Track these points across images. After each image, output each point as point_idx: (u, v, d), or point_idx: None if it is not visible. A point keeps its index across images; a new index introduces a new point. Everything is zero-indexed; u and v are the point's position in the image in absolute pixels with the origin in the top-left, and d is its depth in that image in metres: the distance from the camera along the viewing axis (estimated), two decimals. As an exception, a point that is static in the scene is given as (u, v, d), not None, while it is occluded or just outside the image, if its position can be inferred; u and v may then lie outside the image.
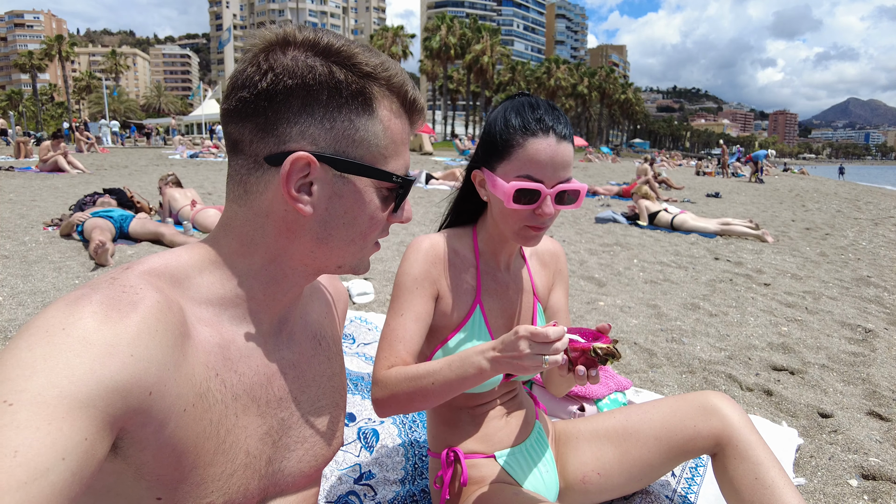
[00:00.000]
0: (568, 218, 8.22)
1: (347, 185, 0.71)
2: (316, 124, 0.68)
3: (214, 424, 0.66)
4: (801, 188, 17.48)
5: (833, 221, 9.04)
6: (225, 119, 0.71)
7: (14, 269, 4.02)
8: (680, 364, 2.81)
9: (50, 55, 64.84)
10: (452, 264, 1.27)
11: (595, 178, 17.89)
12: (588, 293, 4.07)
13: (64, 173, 11.43)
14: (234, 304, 0.72)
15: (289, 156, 0.66)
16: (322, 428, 0.86)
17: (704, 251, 5.97)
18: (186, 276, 0.69)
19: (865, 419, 2.29)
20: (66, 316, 0.54)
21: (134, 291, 0.59)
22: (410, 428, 2.00)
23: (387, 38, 56.46)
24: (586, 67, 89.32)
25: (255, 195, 0.70)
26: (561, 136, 1.13)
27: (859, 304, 4.03)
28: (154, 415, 0.57)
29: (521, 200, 1.13)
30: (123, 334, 0.55)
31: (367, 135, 0.70)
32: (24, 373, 0.49)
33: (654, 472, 1.38)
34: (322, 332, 0.91)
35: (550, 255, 1.44)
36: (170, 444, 0.60)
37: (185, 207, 5.97)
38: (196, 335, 0.66)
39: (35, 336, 0.52)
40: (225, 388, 0.69)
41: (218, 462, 0.67)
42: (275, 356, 0.79)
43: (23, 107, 66.97)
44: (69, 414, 0.48)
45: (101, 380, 0.51)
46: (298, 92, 0.67)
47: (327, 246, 0.73)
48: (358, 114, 0.69)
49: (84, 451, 0.49)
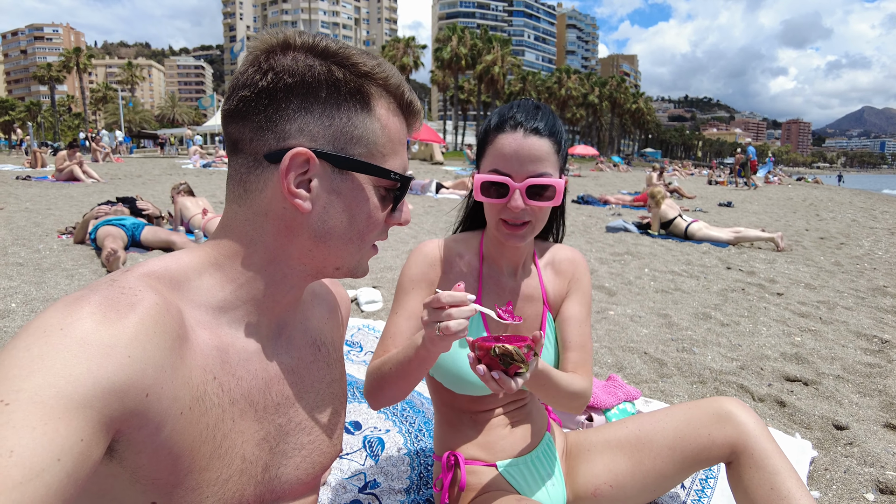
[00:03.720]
0: (578, 227, 8.19)
1: (346, 181, 0.71)
2: (315, 121, 0.69)
3: (211, 428, 0.66)
4: (814, 197, 17.27)
5: (848, 231, 8.91)
6: (226, 120, 0.71)
7: (28, 276, 4.07)
8: (691, 374, 2.77)
9: (68, 67, 66.07)
10: (453, 267, 1.29)
11: (606, 187, 17.82)
12: (598, 302, 4.04)
13: (79, 182, 11.61)
14: (233, 307, 0.72)
15: (288, 151, 0.67)
16: (320, 435, 0.85)
17: (716, 260, 5.91)
18: (186, 279, 0.69)
19: (882, 431, 2.24)
20: (64, 316, 0.54)
21: (133, 293, 0.59)
22: (416, 437, 1.98)
23: (398, 49, 56.88)
24: (597, 77, 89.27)
25: (255, 193, 0.71)
26: (529, 131, 1.15)
27: (875, 315, 3.96)
28: (150, 417, 0.57)
29: (488, 193, 1.17)
30: (121, 335, 0.54)
31: (365, 132, 0.71)
32: (21, 372, 0.49)
33: (667, 483, 1.35)
34: (322, 337, 0.90)
35: (569, 262, 1.39)
36: (166, 447, 0.60)
37: (196, 216, 6.02)
38: (194, 338, 0.66)
39: (33, 336, 0.52)
40: (222, 391, 0.68)
41: (214, 467, 0.67)
42: (273, 361, 0.78)
43: (41, 118, 68.23)
44: (65, 414, 0.48)
45: (98, 380, 0.51)
46: (298, 89, 0.68)
47: (326, 245, 0.73)
48: (356, 111, 0.70)
49: (80, 452, 0.49)
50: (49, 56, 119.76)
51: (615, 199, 12.55)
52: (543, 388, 1.13)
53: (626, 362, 2.87)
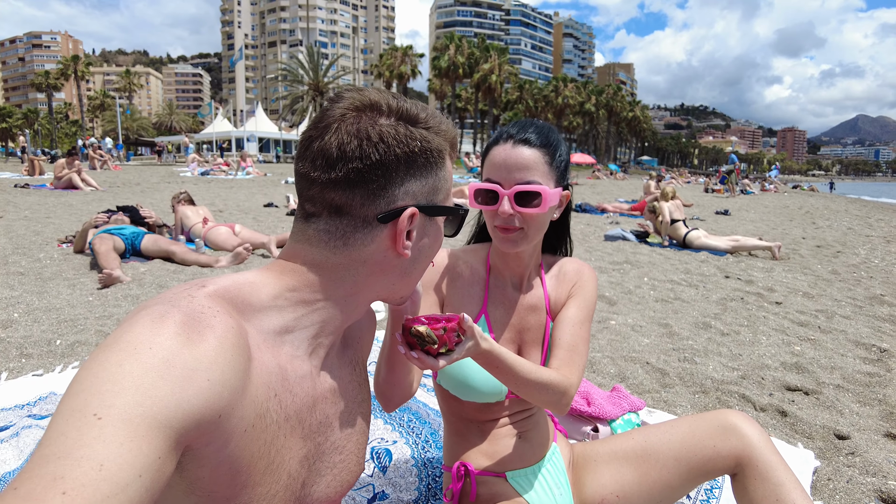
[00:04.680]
0: (577, 235, 8.22)
1: (433, 225, 0.84)
2: (416, 183, 0.78)
3: (267, 444, 0.69)
4: (810, 205, 17.38)
5: (844, 239, 8.96)
6: (329, 187, 0.74)
7: (29, 285, 4.07)
8: (693, 384, 2.79)
9: (66, 75, 66.10)
10: (459, 276, 1.33)
11: (603, 195, 17.90)
12: (600, 312, 4.06)
13: (78, 190, 11.61)
14: (299, 329, 0.76)
15: (402, 213, 0.76)
16: (350, 454, 0.88)
17: (715, 269, 5.94)
18: (258, 300, 0.72)
19: (883, 441, 2.26)
20: (152, 335, 0.57)
21: (211, 314, 0.63)
22: (423, 448, 1.99)
23: (396, 58, 57.15)
24: (594, 85, 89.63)
25: (358, 247, 0.77)
26: (518, 141, 1.23)
27: (873, 324, 3.99)
28: (219, 435, 0.60)
29: (481, 200, 1.25)
30: (202, 359, 0.58)
31: (441, 181, 0.83)
32: (113, 388, 0.52)
33: (673, 494, 1.36)
34: (356, 357, 0.93)
35: (574, 272, 1.40)
36: (228, 462, 0.63)
37: (197, 225, 6.03)
38: (259, 357, 0.69)
39: (125, 353, 0.55)
40: (280, 409, 0.72)
41: (265, 482, 0.69)
42: (320, 381, 0.81)
43: (38, 125, 68.18)
44: (149, 433, 0.51)
45: (181, 403, 0.54)
46: (404, 159, 0.76)
47: (409, 278, 0.85)
48: (439, 167, 0.82)
49: (157, 469, 0.51)
50: (47, 63, 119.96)
51: (613, 207, 12.61)
52: (498, 370, 1.10)
53: (628, 372, 2.89)
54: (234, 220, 7.97)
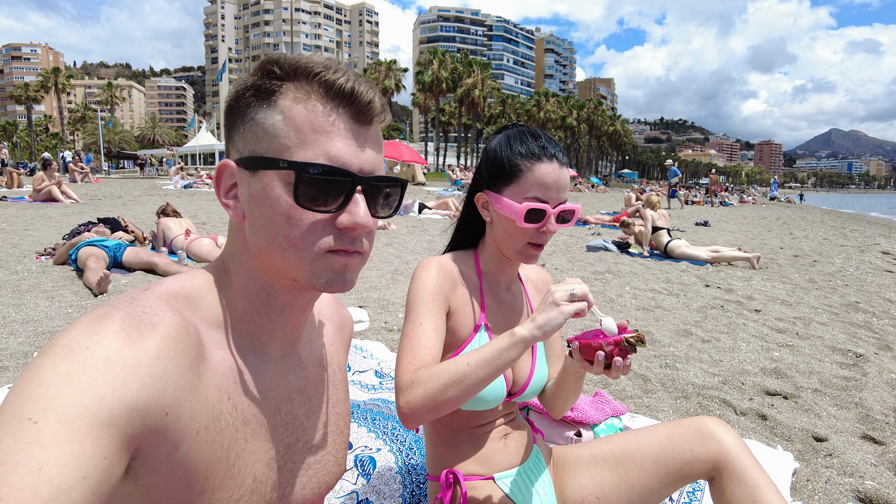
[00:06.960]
0: (560, 246, 8.29)
1: (257, 182, 0.67)
2: (238, 133, 0.70)
3: (225, 448, 0.66)
4: (787, 216, 17.74)
5: (820, 249, 9.17)
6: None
7: (6, 298, 3.99)
8: (674, 390, 2.82)
9: (46, 87, 65.23)
10: (460, 282, 1.34)
11: (585, 207, 18.08)
12: (583, 320, 4.09)
13: (57, 203, 11.43)
14: (237, 327, 0.73)
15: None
16: (326, 454, 0.86)
17: (695, 278, 6.03)
18: (201, 297, 0.71)
19: (860, 443, 2.30)
20: (89, 335, 0.55)
21: (154, 312, 0.61)
22: (408, 455, 1.99)
23: (380, 72, 57.40)
24: (575, 100, 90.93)
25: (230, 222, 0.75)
26: (562, 163, 1.28)
27: (849, 330, 4.08)
28: (169, 435, 0.58)
29: (530, 219, 1.25)
30: (144, 355, 0.56)
31: (267, 127, 0.66)
32: (49, 391, 0.49)
33: (652, 497, 1.38)
34: (328, 358, 0.91)
35: (543, 282, 1.54)
36: (181, 465, 0.60)
37: (179, 237, 5.98)
38: (210, 357, 0.67)
39: (60, 354, 0.53)
40: (236, 411, 0.69)
41: (227, 486, 0.67)
42: (283, 381, 0.79)
43: (17, 137, 67.10)
44: (91, 433, 0.49)
45: (123, 399, 0.52)
46: (234, 105, 0.70)
47: (264, 254, 0.69)
48: (261, 109, 0.67)
49: (104, 470, 0.49)
50: (27, 76, 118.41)
51: (595, 218, 12.76)
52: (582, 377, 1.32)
53: (610, 379, 2.91)
54: (217, 232, 7.90)
